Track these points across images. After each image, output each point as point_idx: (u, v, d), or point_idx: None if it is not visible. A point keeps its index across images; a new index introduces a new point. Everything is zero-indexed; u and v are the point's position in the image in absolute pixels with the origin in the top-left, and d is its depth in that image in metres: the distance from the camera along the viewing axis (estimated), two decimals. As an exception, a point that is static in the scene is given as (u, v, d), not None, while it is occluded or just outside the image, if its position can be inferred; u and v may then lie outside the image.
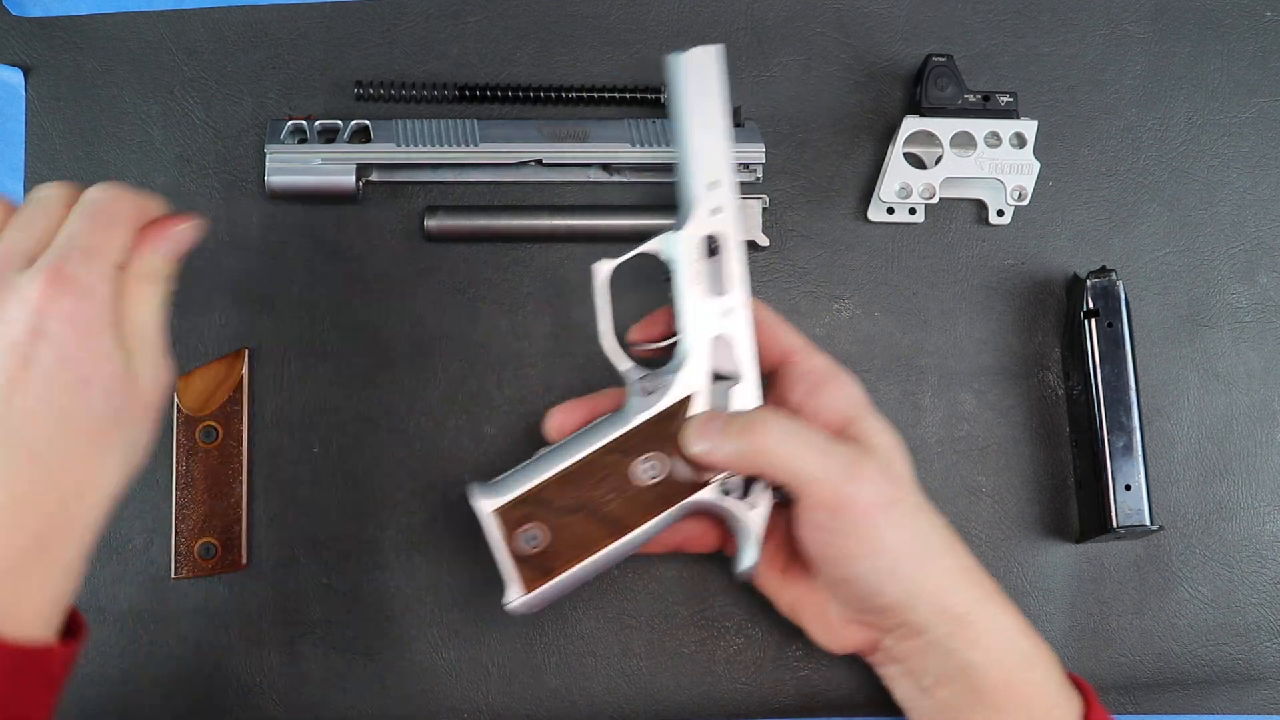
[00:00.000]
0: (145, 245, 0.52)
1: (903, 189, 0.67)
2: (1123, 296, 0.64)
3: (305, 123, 0.65)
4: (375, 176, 0.66)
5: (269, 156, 0.64)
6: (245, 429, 0.64)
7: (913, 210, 0.68)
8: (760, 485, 0.56)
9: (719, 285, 0.56)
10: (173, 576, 0.64)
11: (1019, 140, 0.66)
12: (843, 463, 0.53)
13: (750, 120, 0.68)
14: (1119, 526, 0.62)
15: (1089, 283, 0.65)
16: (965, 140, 0.66)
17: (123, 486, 0.51)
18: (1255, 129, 0.70)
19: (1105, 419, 0.63)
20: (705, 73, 0.56)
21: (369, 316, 0.66)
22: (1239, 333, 0.69)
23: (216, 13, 0.68)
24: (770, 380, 0.58)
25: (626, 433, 0.55)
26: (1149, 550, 0.67)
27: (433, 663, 0.64)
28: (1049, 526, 0.67)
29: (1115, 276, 0.65)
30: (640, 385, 0.56)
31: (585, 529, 0.55)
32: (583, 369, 0.66)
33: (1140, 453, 0.63)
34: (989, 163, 0.66)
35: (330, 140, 0.65)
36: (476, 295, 0.67)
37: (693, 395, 0.56)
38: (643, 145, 0.66)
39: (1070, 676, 0.57)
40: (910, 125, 0.66)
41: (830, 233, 0.68)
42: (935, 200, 0.67)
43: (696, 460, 0.55)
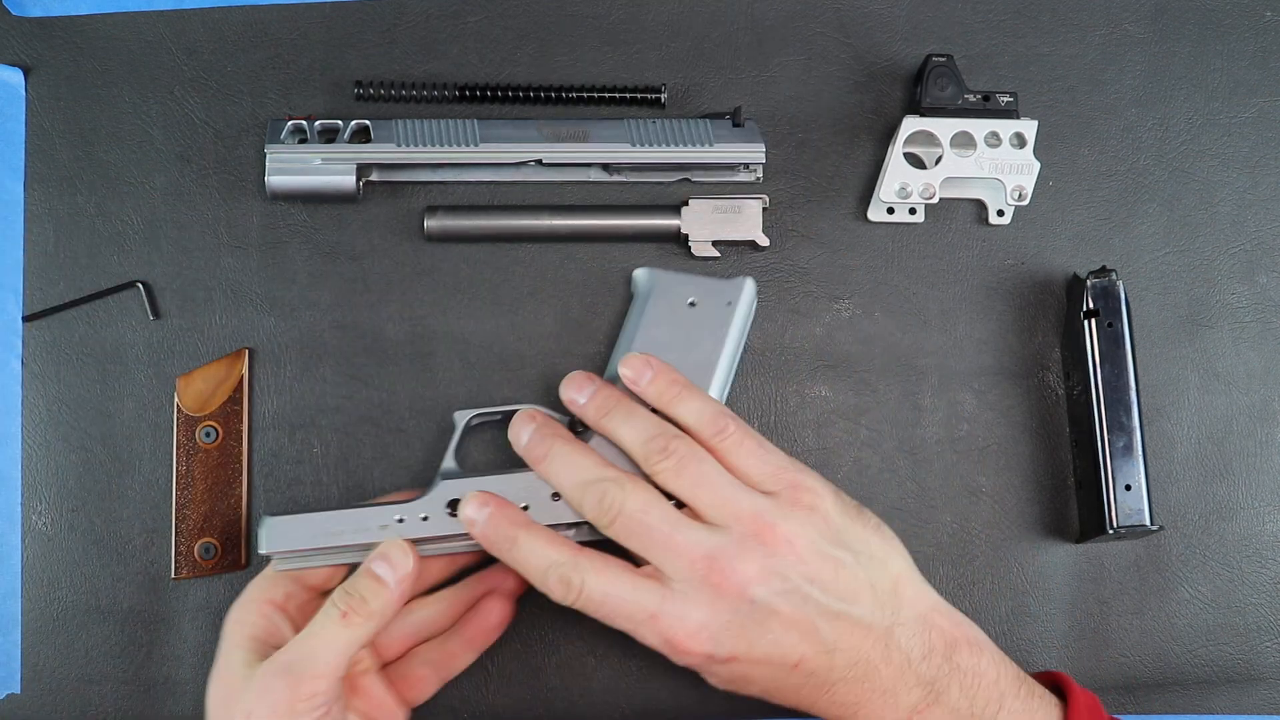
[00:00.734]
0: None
1: (903, 189, 0.67)
2: (1123, 296, 0.64)
3: (305, 123, 0.65)
4: (375, 176, 0.66)
5: (269, 156, 0.64)
6: (245, 429, 0.64)
7: (913, 210, 0.68)
8: None
9: None
10: (173, 576, 0.64)
11: (1019, 140, 0.66)
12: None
13: (750, 120, 0.68)
14: (1119, 526, 0.62)
15: (1089, 283, 0.65)
16: (965, 140, 0.66)
17: None
18: (1255, 129, 0.70)
19: (1105, 419, 0.63)
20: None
21: (369, 316, 0.66)
22: (1239, 333, 0.69)
23: (216, 13, 0.68)
24: None
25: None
26: (1149, 550, 0.67)
27: (433, 663, 0.64)
28: (1049, 526, 0.67)
29: (1115, 276, 0.65)
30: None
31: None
32: (582, 369, 0.66)
33: (1140, 453, 0.63)
34: (989, 163, 0.66)
35: (330, 140, 0.65)
36: (476, 295, 0.67)
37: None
38: (643, 145, 0.66)
39: (1043, 677, 0.57)
40: (910, 125, 0.66)
41: (830, 233, 0.68)
42: (935, 200, 0.67)
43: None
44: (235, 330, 0.66)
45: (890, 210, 0.68)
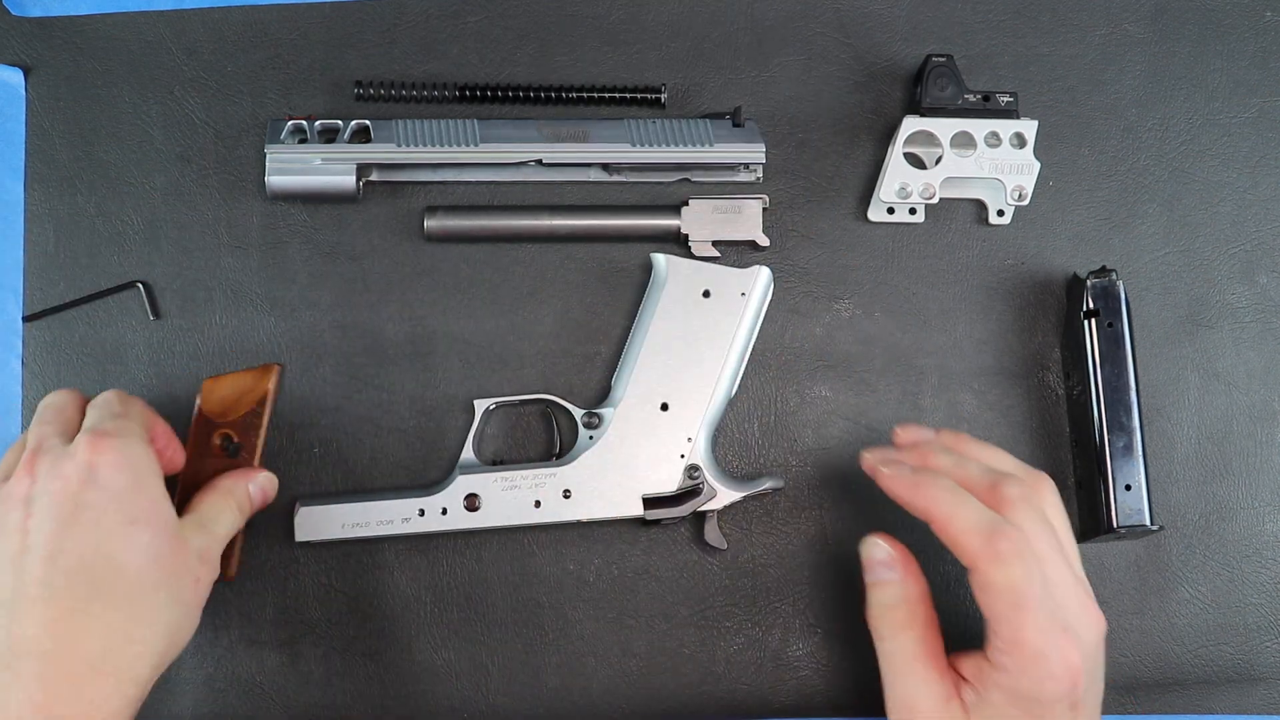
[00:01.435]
0: (245, 473, 0.60)
1: (903, 189, 0.67)
2: (1123, 296, 0.64)
3: (305, 123, 0.65)
4: (375, 176, 0.66)
5: (269, 156, 0.64)
6: (260, 444, 0.62)
7: (913, 210, 0.68)
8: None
9: None
10: None
11: (1019, 140, 0.66)
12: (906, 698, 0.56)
13: (750, 120, 0.68)
14: (1119, 526, 0.62)
15: (1089, 283, 0.65)
16: (965, 140, 0.66)
17: (168, 652, 0.53)
18: (1255, 129, 0.70)
19: (1105, 419, 0.63)
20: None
21: (369, 316, 0.66)
22: (1239, 333, 0.69)
23: (216, 13, 0.68)
24: None
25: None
26: (1149, 550, 0.67)
27: (433, 663, 0.64)
28: (1049, 526, 0.67)
29: (1115, 276, 0.65)
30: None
31: None
32: (582, 369, 0.66)
33: (1140, 453, 0.63)
34: (989, 163, 0.66)
35: (330, 140, 0.65)
36: (476, 295, 0.67)
37: None
38: (643, 145, 0.66)
39: None
40: (910, 125, 0.66)
41: (830, 233, 0.68)
42: (935, 200, 0.67)
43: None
44: (235, 330, 0.66)
45: (890, 210, 0.68)
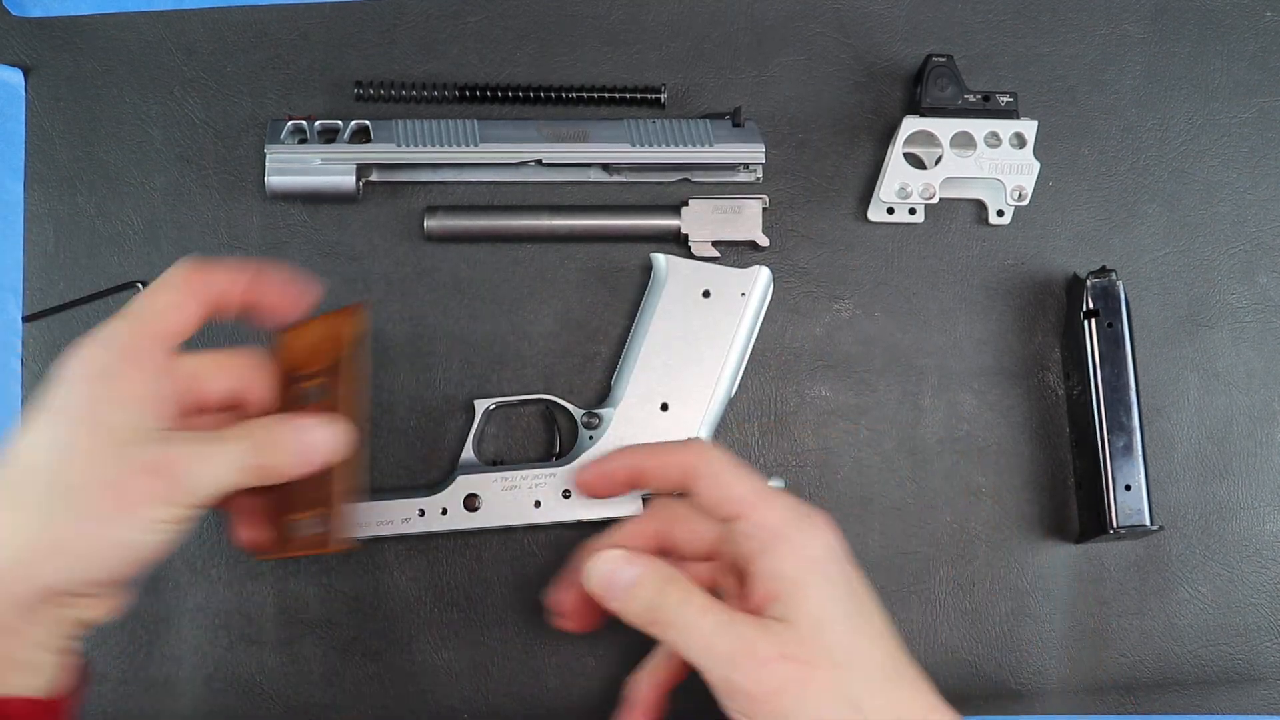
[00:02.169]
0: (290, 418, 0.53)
1: (903, 189, 0.67)
2: (1123, 296, 0.64)
3: (305, 123, 0.65)
4: (375, 176, 0.66)
5: (269, 157, 0.64)
6: (350, 394, 0.55)
7: (913, 210, 0.68)
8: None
9: None
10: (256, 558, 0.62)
11: (1019, 140, 0.66)
12: (725, 650, 0.51)
13: (750, 120, 0.68)
14: (1119, 527, 0.62)
15: (1089, 283, 0.65)
16: (965, 140, 0.66)
17: (56, 565, 0.48)
18: (1255, 129, 0.70)
19: (1105, 419, 0.63)
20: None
21: (369, 316, 0.66)
22: (1239, 333, 0.69)
23: (216, 13, 0.68)
24: (724, 537, 0.55)
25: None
26: (1149, 550, 0.67)
27: (433, 663, 0.64)
28: (1049, 527, 0.67)
29: (1115, 276, 0.65)
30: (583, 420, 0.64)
31: None
32: (582, 369, 0.66)
33: (1140, 453, 0.63)
34: (989, 163, 0.66)
35: (330, 140, 0.65)
36: (476, 295, 0.67)
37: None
38: (643, 145, 0.66)
39: None
40: (910, 125, 0.66)
41: (830, 233, 0.68)
42: (935, 200, 0.67)
43: (594, 594, 0.55)
44: (235, 330, 0.66)
45: (890, 210, 0.68)
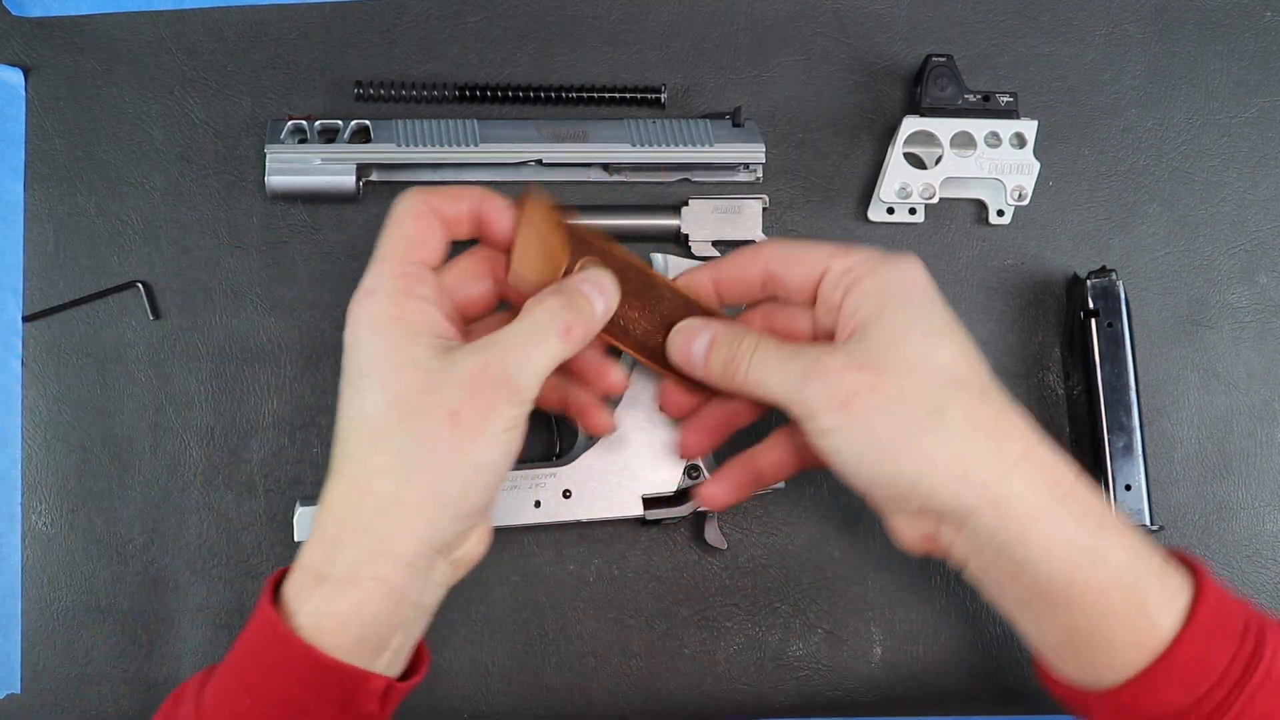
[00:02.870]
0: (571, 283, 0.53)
1: (903, 189, 0.67)
2: (1123, 296, 0.64)
3: (305, 123, 0.65)
4: (375, 176, 0.66)
5: (269, 156, 0.64)
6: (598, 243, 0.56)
7: (913, 210, 0.68)
8: None
9: None
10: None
11: (1019, 140, 0.66)
12: (797, 371, 0.51)
13: (750, 120, 0.68)
14: (1119, 526, 0.62)
15: (1089, 283, 0.65)
16: (965, 140, 0.66)
17: (417, 505, 0.48)
18: (1255, 129, 0.70)
19: (1105, 419, 0.63)
20: None
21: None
22: (1239, 333, 0.69)
23: (216, 13, 0.68)
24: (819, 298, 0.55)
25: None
26: (1149, 550, 0.67)
27: (433, 662, 0.64)
28: (1049, 526, 0.67)
29: (1115, 276, 0.65)
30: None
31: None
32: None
33: (1140, 453, 0.63)
34: (989, 163, 0.66)
35: (330, 140, 0.65)
36: (476, 295, 0.67)
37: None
38: (643, 145, 0.66)
39: (1175, 555, 0.51)
40: (910, 125, 0.66)
41: (830, 233, 0.68)
42: (935, 200, 0.67)
43: (679, 366, 0.56)
44: (235, 330, 0.66)
45: (890, 210, 0.68)
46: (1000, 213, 0.68)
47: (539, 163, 0.66)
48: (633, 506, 0.62)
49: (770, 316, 0.58)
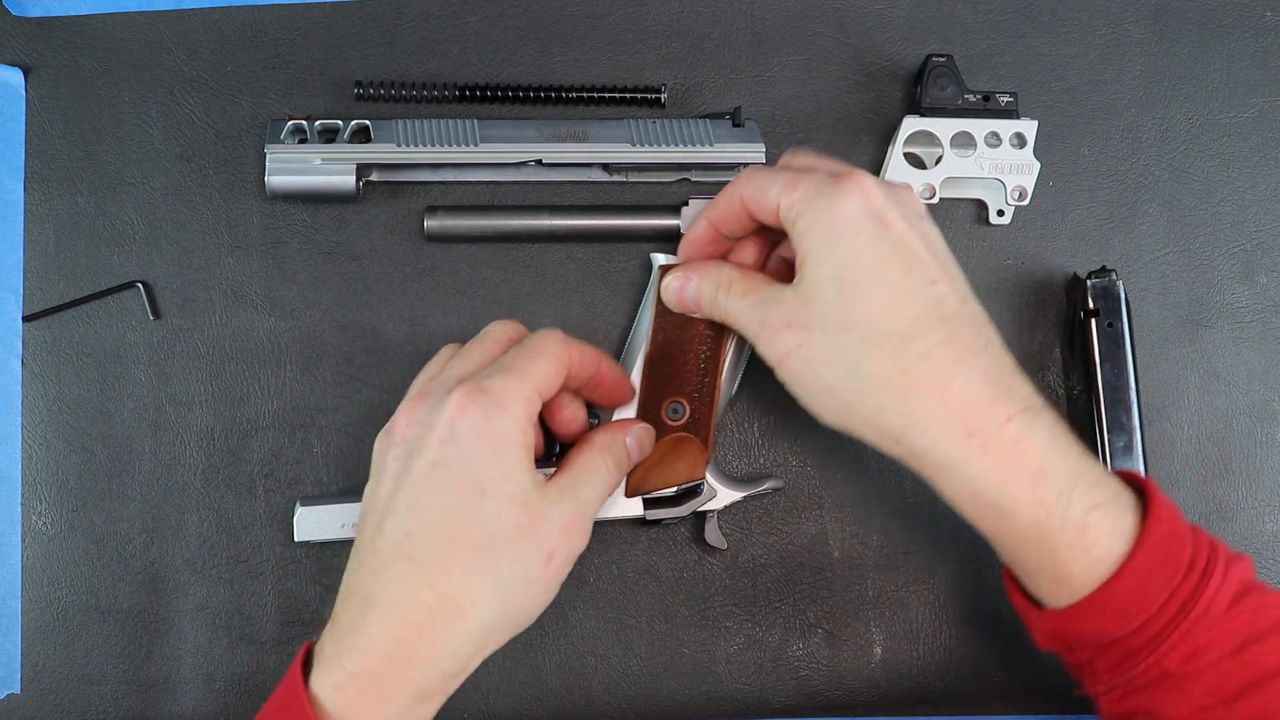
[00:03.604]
0: (620, 426, 0.58)
1: (903, 189, 0.67)
2: (1123, 296, 0.64)
3: (305, 123, 0.65)
4: (375, 176, 0.66)
5: (269, 156, 0.64)
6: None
7: (913, 210, 0.68)
8: None
9: None
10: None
11: (1019, 140, 0.66)
12: (756, 322, 0.55)
13: (750, 120, 0.68)
14: (1119, 526, 0.62)
15: (1089, 283, 0.65)
16: (965, 140, 0.66)
17: (497, 630, 0.52)
18: (1255, 129, 0.70)
19: (1105, 419, 0.63)
20: None
21: (369, 316, 0.66)
22: (1239, 333, 0.69)
23: (216, 13, 0.68)
24: None
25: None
26: (1149, 550, 0.67)
27: (433, 663, 0.64)
28: (1049, 526, 0.67)
29: (1115, 276, 0.65)
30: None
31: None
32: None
33: (1140, 453, 0.63)
34: (989, 163, 0.66)
35: (330, 140, 0.65)
36: (476, 295, 0.67)
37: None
38: (643, 145, 0.66)
39: (1124, 477, 0.53)
40: (910, 125, 0.66)
41: (830, 233, 0.68)
42: (935, 200, 0.67)
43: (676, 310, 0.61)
44: (235, 330, 0.66)
45: (890, 210, 0.68)
46: (1000, 213, 0.68)
47: (539, 163, 0.66)
48: (633, 506, 0.62)
49: (764, 243, 0.61)
